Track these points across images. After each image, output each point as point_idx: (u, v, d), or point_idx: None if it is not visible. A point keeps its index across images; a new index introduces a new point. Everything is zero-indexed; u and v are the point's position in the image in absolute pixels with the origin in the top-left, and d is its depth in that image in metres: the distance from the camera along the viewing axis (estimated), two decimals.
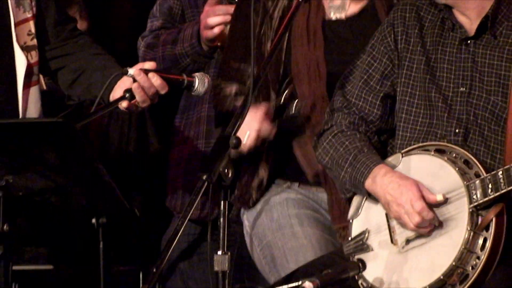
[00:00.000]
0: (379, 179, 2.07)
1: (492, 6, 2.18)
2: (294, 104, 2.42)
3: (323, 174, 2.40)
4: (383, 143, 2.31)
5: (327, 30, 2.46)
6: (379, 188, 2.08)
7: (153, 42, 2.86)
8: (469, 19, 2.19)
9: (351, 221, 2.27)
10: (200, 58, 2.74)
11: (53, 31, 2.53)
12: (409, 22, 2.26)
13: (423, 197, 2.05)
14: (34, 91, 2.48)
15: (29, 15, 2.46)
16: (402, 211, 2.04)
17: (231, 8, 2.65)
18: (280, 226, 2.44)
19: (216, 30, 2.66)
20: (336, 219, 2.32)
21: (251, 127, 2.37)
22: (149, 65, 2.34)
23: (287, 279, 2.14)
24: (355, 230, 2.23)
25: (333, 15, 2.45)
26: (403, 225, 2.10)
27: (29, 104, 2.47)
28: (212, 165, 1.82)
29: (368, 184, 2.10)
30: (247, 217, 2.51)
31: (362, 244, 2.20)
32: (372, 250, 2.18)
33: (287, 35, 2.38)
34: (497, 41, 2.19)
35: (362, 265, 2.04)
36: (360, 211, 2.25)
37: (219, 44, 2.71)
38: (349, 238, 2.24)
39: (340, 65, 2.38)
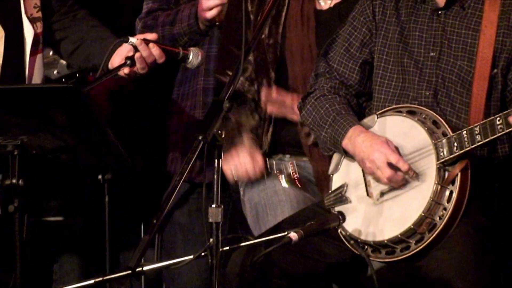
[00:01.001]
0: (354, 139, 2.22)
1: None
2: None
3: (308, 150, 2.58)
4: (361, 105, 2.44)
5: (318, 17, 2.60)
6: (354, 147, 2.23)
7: (152, 23, 2.96)
8: None
9: (331, 175, 2.39)
10: (197, 37, 2.86)
11: (55, 5, 2.66)
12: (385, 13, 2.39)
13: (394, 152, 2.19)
14: (39, 59, 2.63)
15: None
16: (374, 166, 2.18)
17: None
18: (265, 187, 2.63)
19: (214, 11, 2.77)
20: (324, 190, 2.48)
21: (241, 163, 2.60)
22: (151, 36, 2.49)
23: (274, 231, 2.28)
24: (335, 183, 2.37)
25: (322, 4, 2.61)
26: (377, 179, 2.23)
27: (35, 70, 2.62)
28: (207, 126, 1.94)
29: (345, 143, 2.24)
30: (242, 184, 2.71)
31: (341, 197, 2.34)
32: (350, 202, 2.32)
33: (282, 20, 2.56)
34: (465, 12, 2.32)
35: (341, 217, 2.17)
36: (339, 166, 2.39)
37: (217, 23, 2.80)
38: (330, 191, 2.35)
39: None
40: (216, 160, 1.96)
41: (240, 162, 2.65)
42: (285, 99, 2.61)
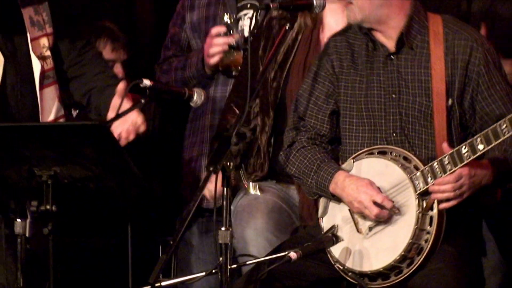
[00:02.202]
0: (340, 183, 2.37)
1: (405, 24, 2.42)
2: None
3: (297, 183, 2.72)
4: (334, 150, 2.59)
5: None
6: (341, 190, 2.38)
7: (167, 68, 3.25)
8: (389, 38, 2.44)
9: (321, 219, 2.51)
10: (204, 79, 3.11)
11: (65, 49, 2.85)
12: (341, 50, 2.54)
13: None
14: (50, 92, 2.80)
15: (42, 33, 2.78)
16: (362, 206, 2.33)
17: (228, 40, 2.98)
18: (248, 196, 2.79)
19: (216, 58, 3.02)
20: (304, 218, 2.67)
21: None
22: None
23: (275, 251, 2.43)
24: (326, 225, 2.49)
25: None
26: (365, 217, 2.37)
27: (46, 102, 2.79)
28: (216, 159, 2.13)
29: (332, 188, 2.40)
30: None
31: (333, 236, 2.43)
32: (342, 240, 2.43)
33: (287, 66, 2.74)
34: (414, 52, 2.44)
35: (335, 238, 2.33)
36: (327, 210, 2.51)
37: (220, 68, 3.05)
38: (322, 233, 2.46)
39: None
40: (225, 188, 2.13)
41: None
42: None
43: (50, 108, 2.84)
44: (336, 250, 2.41)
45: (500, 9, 3.00)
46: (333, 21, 2.78)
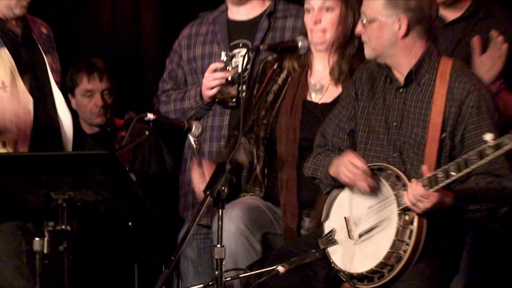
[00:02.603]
0: (335, 163, 2.61)
1: (415, 64, 2.64)
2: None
3: (283, 207, 2.96)
4: None
5: (306, 106, 2.99)
6: (335, 169, 2.61)
7: (166, 99, 3.38)
8: (401, 74, 2.67)
9: (324, 222, 2.73)
10: (202, 111, 3.26)
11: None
12: (364, 81, 2.77)
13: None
14: None
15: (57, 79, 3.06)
16: (341, 168, 2.56)
17: (225, 74, 3.14)
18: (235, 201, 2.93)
19: (214, 90, 3.17)
20: (287, 236, 2.88)
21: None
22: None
23: (261, 264, 2.61)
24: (327, 229, 2.70)
25: (313, 96, 3.01)
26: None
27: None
28: (213, 184, 2.34)
29: (331, 170, 2.64)
30: None
31: (331, 239, 2.66)
32: (337, 243, 2.65)
33: (277, 105, 2.97)
34: (420, 89, 2.65)
35: (317, 253, 2.51)
36: (329, 215, 2.72)
37: (217, 100, 3.21)
38: (323, 235, 2.69)
39: (310, 134, 2.92)
40: (219, 210, 2.35)
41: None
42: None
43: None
44: (332, 252, 2.65)
45: None
46: (321, 66, 2.98)
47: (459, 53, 3.01)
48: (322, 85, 2.99)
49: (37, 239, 2.59)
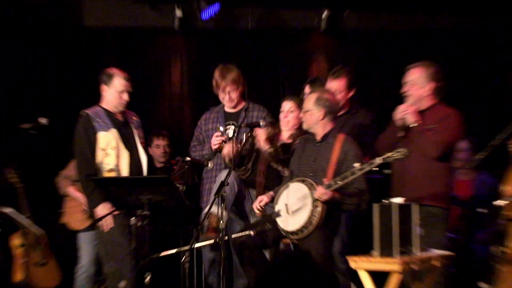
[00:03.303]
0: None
1: (326, 133, 4.34)
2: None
3: (258, 187, 4.71)
4: None
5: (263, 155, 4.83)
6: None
7: (194, 150, 5.33)
8: (318, 136, 4.36)
9: (275, 206, 4.33)
10: (212, 155, 5.07)
11: None
12: (301, 141, 4.52)
13: None
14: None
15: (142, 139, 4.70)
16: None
17: (222, 138, 5.01)
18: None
19: (216, 146, 5.03)
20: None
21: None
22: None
23: (241, 231, 4.34)
24: (276, 209, 4.33)
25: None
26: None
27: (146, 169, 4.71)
28: (219, 191, 3.93)
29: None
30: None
31: (278, 214, 4.36)
32: (281, 216, 4.31)
33: (253, 161, 4.91)
34: (327, 144, 4.32)
35: (269, 224, 4.19)
36: (278, 202, 4.40)
37: (218, 151, 5.03)
38: (273, 212, 4.31)
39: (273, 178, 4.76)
40: (220, 202, 4.12)
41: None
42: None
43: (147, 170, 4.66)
44: (278, 221, 4.27)
45: None
46: (286, 135, 4.86)
47: (344, 130, 4.77)
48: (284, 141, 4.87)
49: (132, 218, 4.19)
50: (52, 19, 6.03)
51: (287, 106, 4.73)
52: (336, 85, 4.90)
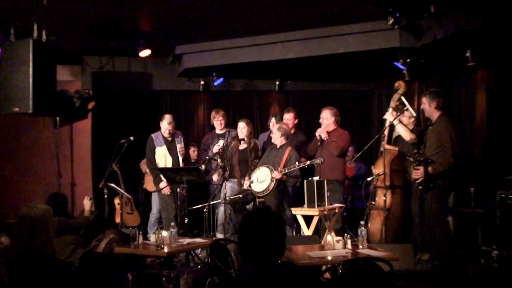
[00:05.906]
0: None
1: (282, 144, 8.45)
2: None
3: (237, 174, 8.76)
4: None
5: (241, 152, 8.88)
6: None
7: (202, 155, 9.26)
8: (278, 145, 8.62)
9: (253, 179, 8.37)
10: (211, 158, 8.80)
11: None
12: (268, 149, 8.77)
13: None
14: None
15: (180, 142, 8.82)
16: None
17: (220, 146, 8.90)
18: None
19: (216, 151, 8.82)
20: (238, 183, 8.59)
21: None
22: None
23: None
24: (252, 179, 8.18)
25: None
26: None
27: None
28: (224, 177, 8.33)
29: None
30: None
31: (253, 182, 8.06)
32: (254, 183, 8.01)
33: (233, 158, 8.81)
34: (282, 150, 8.62)
35: (251, 191, 8.21)
36: (251, 176, 8.23)
37: (218, 153, 8.68)
38: (253, 181, 8.32)
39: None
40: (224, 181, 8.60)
41: None
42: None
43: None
44: (254, 187, 7.86)
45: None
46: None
47: (291, 143, 8.80)
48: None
49: (178, 188, 8.00)
50: (133, 86, 10.77)
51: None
52: (288, 117, 8.85)
